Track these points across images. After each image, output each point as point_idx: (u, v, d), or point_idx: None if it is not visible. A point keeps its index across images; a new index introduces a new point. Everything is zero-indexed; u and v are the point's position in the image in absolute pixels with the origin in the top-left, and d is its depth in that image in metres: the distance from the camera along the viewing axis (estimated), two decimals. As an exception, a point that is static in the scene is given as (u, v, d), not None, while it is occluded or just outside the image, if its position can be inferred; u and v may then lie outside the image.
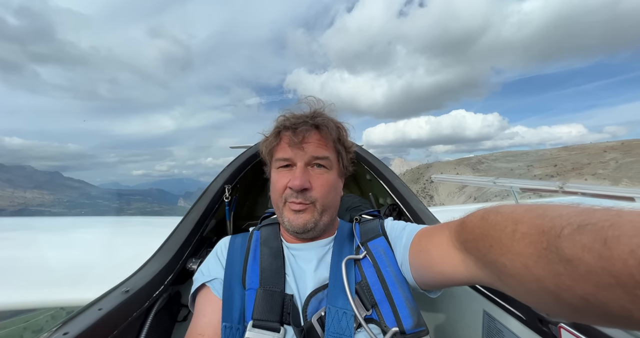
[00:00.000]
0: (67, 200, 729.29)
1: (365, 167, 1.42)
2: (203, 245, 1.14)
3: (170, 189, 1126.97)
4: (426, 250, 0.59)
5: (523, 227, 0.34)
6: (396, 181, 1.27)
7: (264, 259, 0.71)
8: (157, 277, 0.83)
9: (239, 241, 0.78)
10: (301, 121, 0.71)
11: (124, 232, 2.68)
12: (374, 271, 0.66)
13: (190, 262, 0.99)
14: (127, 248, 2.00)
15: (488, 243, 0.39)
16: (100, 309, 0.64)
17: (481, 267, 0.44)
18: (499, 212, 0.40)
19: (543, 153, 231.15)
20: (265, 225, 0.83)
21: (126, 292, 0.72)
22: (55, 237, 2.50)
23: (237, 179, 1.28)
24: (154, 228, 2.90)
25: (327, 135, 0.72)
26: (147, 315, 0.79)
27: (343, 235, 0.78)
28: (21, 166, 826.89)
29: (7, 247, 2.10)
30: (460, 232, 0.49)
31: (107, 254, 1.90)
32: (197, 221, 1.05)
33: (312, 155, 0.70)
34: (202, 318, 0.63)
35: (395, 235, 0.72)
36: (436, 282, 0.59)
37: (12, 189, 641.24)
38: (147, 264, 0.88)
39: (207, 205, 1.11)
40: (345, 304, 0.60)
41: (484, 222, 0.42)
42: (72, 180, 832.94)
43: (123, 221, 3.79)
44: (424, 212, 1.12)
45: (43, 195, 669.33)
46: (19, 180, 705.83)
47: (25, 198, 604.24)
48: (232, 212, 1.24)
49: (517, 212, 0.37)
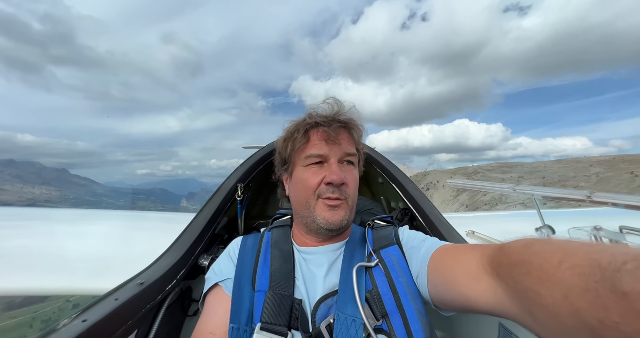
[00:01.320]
0: (73, 197, 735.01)
1: (377, 169, 1.39)
2: (215, 242, 1.14)
3: (173, 189, 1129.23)
4: (450, 268, 0.55)
5: (575, 259, 0.32)
6: (409, 185, 1.23)
7: (275, 262, 0.70)
8: (170, 272, 0.83)
9: (250, 242, 0.78)
10: (332, 119, 0.72)
11: (140, 226, 2.79)
12: (386, 281, 0.63)
13: (202, 258, 0.99)
14: (143, 242, 2.07)
15: (525, 269, 0.36)
16: (116, 299, 0.65)
17: (511, 297, 0.40)
18: (548, 243, 0.37)
19: (538, 165, 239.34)
20: (277, 227, 0.82)
21: (141, 284, 0.73)
22: (75, 229, 2.60)
23: (249, 178, 1.29)
24: (169, 223, 2.91)
25: (354, 134, 0.75)
26: (160, 308, 0.80)
27: (355, 240, 0.75)
28: (31, 162, 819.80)
29: (26, 236, 2.22)
30: (496, 256, 0.45)
31: (124, 247, 1.98)
32: (210, 218, 1.05)
33: (345, 152, 0.71)
34: (214, 317, 0.62)
35: (412, 246, 0.68)
36: (455, 303, 0.54)
37: (22, 185, 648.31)
38: (161, 258, 0.89)
39: (220, 203, 1.12)
40: (354, 312, 0.58)
41: (526, 249, 0.39)
42: (79, 177, 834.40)
43: (140, 216, 3.76)
44: (438, 218, 1.06)
45: (50, 191, 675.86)
46: (29, 176, 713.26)
47: (33, 194, 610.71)
48: (244, 210, 1.24)
49: (570, 245, 0.35)
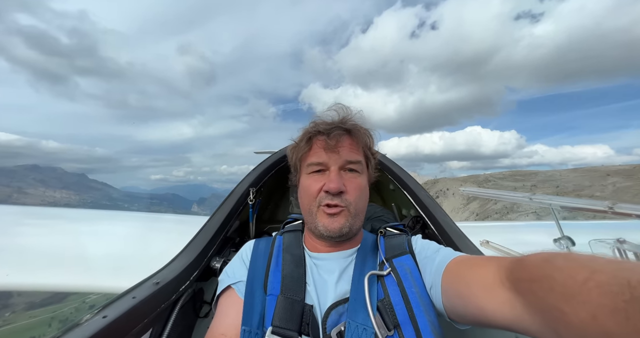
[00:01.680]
0: (90, 201, 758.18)
1: (388, 176, 1.37)
2: (226, 245, 1.16)
3: (185, 194, 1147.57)
4: (465, 280, 0.53)
5: (601, 276, 0.30)
6: (421, 192, 1.21)
7: (286, 266, 0.69)
8: (183, 272, 0.84)
9: (262, 245, 0.78)
10: (333, 126, 0.71)
11: (155, 228, 2.90)
12: (398, 290, 0.62)
13: (214, 261, 1.00)
14: (158, 242, 2.15)
15: (548, 285, 0.35)
16: (134, 297, 0.67)
17: (532, 313, 0.38)
18: (571, 258, 0.35)
19: (552, 174, 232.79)
20: (288, 232, 0.82)
21: (157, 283, 0.74)
22: (95, 228, 2.71)
23: (261, 183, 1.30)
24: (184, 226, 2.99)
25: (358, 140, 0.73)
26: (174, 308, 0.81)
27: (366, 247, 0.74)
28: (52, 167, 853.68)
29: (48, 234, 2.33)
30: (514, 269, 0.43)
31: (140, 247, 2.05)
32: (222, 221, 1.06)
33: (345, 159, 0.69)
34: (226, 319, 0.62)
35: (425, 256, 0.67)
36: (471, 316, 0.52)
37: (44, 188, 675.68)
38: (176, 259, 0.90)
39: (232, 206, 1.13)
40: (365, 320, 0.57)
41: (547, 264, 0.37)
42: (96, 182, 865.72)
43: (155, 217, 3.89)
44: (451, 227, 1.02)
45: (70, 195, 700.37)
46: (50, 180, 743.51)
47: (54, 197, 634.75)
48: (255, 214, 1.24)
49: (595, 262, 0.33)
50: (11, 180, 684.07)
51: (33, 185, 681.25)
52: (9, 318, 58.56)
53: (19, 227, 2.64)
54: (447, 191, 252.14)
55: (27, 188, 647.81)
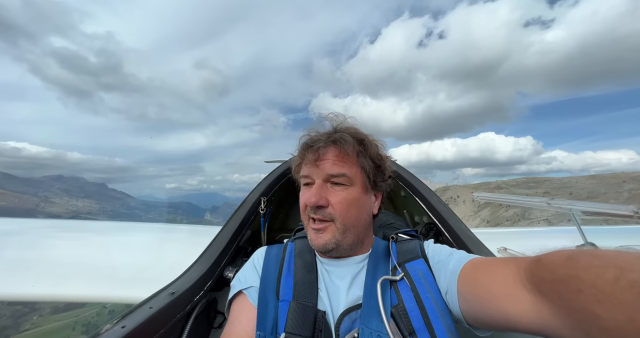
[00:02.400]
0: (110, 210, 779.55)
1: (399, 182, 1.34)
2: (239, 255, 1.14)
3: (198, 203, 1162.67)
4: (483, 283, 0.50)
5: (632, 274, 0.28)
6: (433, 199, 1.18)
7: (298, 272, 0.68)
8: (198, 282, 0.84)
9: (274, 252, 0.77)
10: (317, 139, 0.70)
11: (169, 238, 2.96)
12: (412, 295, 0.59)
13: (227, 270, 0.99)
14: (172, 253, 2.19)
15: (575, 287, 0.32)
16: (151, 307, 0.67)
17: (560, 315, 0.35)
18: (595, 255, 0.33)
19: (568, 181, 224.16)
20: (300, 238, 0.80)
21: (172, 293, 0.74)
22: (111, 239, 2.78)
23: (272, 192, 1.29)
24: (197, 236, 3.03)
25: (346, 150, 0.69)
26: (188, 318, 0.80)
27: (378, 253, 0.72)
28: (75, 177, 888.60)
29: (67, 246, 2.41)
30: (535, 270, 0.40)
31: (154, 258, 2.08)
32: (234, 231, 1.06)
33: (327, 173, 0.67)
34: (238, 325, 0.62)
35: (439, 260, 0.64)
36: (493, 321, 0.48)
37: (68, 198, 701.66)
38: (190, 269, 0.90)
39: (244, 216, 1.12)
40: (379, 327, 0.54)
41: (571, 262, 0.34)
42: (115, 191, 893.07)
43: (170, 228, 3.91)
44: (466, 233, 0.99)
45: (91, 204, 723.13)
46: (74, 190, 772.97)
47: (77, 206, 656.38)
48: (266, 223, 1.24)
49: (622, 258, 0.30)
50: (38, 190, 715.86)
51: (58, 195, 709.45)
52: (37, 321, 61.28)
53: (42, 240, 2.76)
54: (458, 198, 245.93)
55: (52, 197, 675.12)
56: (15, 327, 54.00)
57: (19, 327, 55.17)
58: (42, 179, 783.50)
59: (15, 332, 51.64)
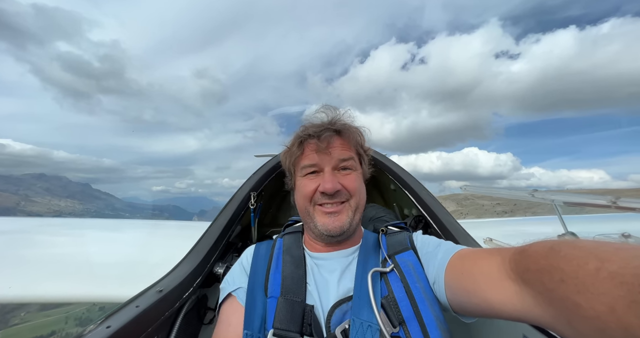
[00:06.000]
0: (94, 210, 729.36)
1: (389, 176, 1.30)
2: (229, 250, 1.09)
3: (185, 206, 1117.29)
4: (470, 273, 0.50)
5: (612, 265, 0.27)
6: (422, 192, 1.16)
7: (286, 267, 0.66)
8: (187, 279, 0.80)
9: (263, 249, 0.75)
10: (323, 128, 0.69)
11: (157, 234, 2.78)
12: (402, 286, 0.58)
13: (217, 266, 0.94)
14: (160, 249, 2.05)
15: (558, 277, 0.32)
16: (137, 306, 0.63)
17: (543, 304, 0.35)
18: (576, 246, 0.32)
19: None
20: (289, 234, 0.79)
21: (160, 291, 0.71)
22: (96, 236, 2.61)
23: (262, 187, 1.24)
24: (186, 231, 2.90)
25: (349, 139, 0.71)
26: (177, 316, 0.77)
27: (368, 245, 0.71)
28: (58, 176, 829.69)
29: (56, 245, 2.24)
30: (520, 260, 0.40)
31: (142, 254, 1.96)
32: (224, 226, 1.01)
33: (338, 159, 0.67)
34: (227, 327, 0.60)
35: (427, 251, 0.64)
36: (477, 309, 0.48)
37: (50, 197, 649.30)
38: (179, 266, 0.86)
39: (234, 211, 1.07)
40: (370, 317, 0.54)
41: (553, 253, 0.34)
42: (99, 192, 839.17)
43: (159, 224, 3.72)
44: (454, 225, 0.99)
45: (74, 204, 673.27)
46: (56, 189, 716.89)
47: (59, 206, 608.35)
48: (256, 218, 1.18)
49: (602, 249, 0.30)
50: (18, 188, 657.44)
51: (40, 194, 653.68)
52: (25, 317, 55.34)
53: (21, 239, 2.52)
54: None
55: (33, 196, 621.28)
56: (4, 322, 48.51)
57: (7, 322, 49.85)
58: (23, 177, 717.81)
59: (5, 326, 47.15)
